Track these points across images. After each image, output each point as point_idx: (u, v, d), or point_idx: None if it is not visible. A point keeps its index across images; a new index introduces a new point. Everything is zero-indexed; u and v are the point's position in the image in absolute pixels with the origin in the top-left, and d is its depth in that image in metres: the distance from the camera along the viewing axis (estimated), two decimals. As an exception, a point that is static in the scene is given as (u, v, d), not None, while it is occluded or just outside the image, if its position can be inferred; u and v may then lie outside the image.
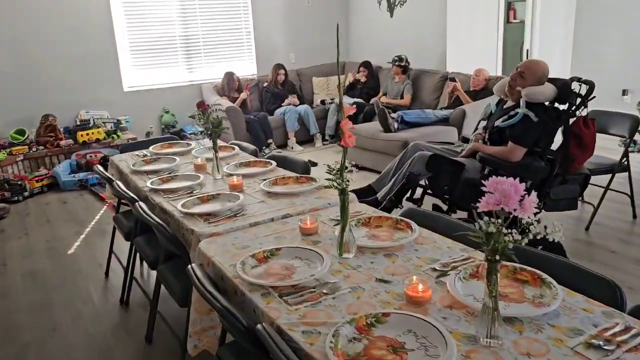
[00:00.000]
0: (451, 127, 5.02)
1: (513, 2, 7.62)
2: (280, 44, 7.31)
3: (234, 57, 7.06)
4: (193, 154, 3.38)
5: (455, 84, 5.41)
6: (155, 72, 6.56)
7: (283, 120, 6.48)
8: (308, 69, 7.38)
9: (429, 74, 6.26)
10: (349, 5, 7.68)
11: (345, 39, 7.86)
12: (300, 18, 7.36)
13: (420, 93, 6.29)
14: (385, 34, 7.12)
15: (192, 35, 6.67)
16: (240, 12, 6.93)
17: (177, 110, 6.71)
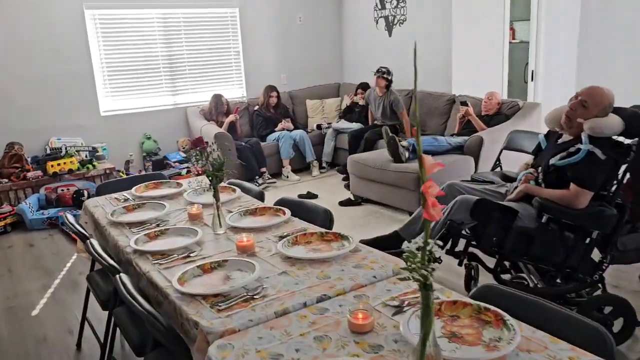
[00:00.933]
0: (466, 157, 4.55)
1: (512, 22, 7.26)
2: (271, 64, 6.81)
3: (221, 78, 6.53)
4: (185, 197, 2.82)
5: (467, 108, 4.96)
6: (136, 94, 5.99)
7: (277, 147, 5.95)
8: (301, 91, 6.89)
9: (434, 96, 5.81)
10: (343, 24, 7.25)
11: (340, 59, 7.40)
12: (292, 37, 6.89)
13: (424, 117, 5.83)
14: (383, 54, 6.67)
15: (176, 55, 6.13)
16: (228, 31, 6.43)
17: (160, 136, 6.14)
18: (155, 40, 5.98)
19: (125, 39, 5.80)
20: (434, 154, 4.65)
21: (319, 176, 6.01)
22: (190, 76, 6.29)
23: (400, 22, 6.35)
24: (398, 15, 6.35)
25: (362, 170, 4.72)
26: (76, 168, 5.24)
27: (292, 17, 6.84)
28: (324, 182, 5.78)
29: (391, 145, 4.47)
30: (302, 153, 6.10)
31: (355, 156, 4.86)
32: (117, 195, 2.90)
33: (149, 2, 5.82)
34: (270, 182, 5.68)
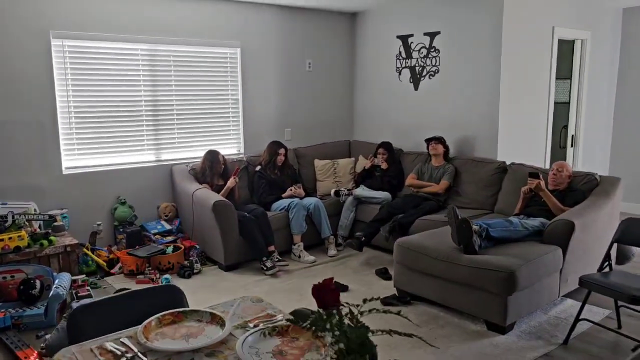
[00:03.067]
0: (551, 247, 3.52)
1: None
2: (274, 116, 5.73)
3: (216, 131, 5.38)
4: (238, 349, 1.61)
5: (538, 181, 3.98)
6: (109, 148, 4.75)
7: (286, 219, 4.79)
8: (307, 149, 5.81)
9: (479, 163, 4.85)
10: (356, 73, 6.30)
11: (349, 112, 6.41)
12: (299, 85, 5.86)
13: (466, 187, 4.84)
14: (407, 110, 5.73)
15: (163, 101, 4.96)
16: (226, 75, 5.34)
17: (138, 200, 4.87)
18: (139, 82, 4.81)
19: (101, 78, 4.60)
20: (509, 241, 3.63)
21: (337, 256, 4.85)
22: (179, 127, 5.11)
23: (430, 74, 5.44)
24: (428, 66, 5.44)
25: (416, 260, 3.61)
26: (25, 245, 3.89)
27: (300, 63, 5.84)
28: (346, 264, 4.62)
29: (463, 231, 3.40)
30: (316, 226, 4.95)
31: (407, 240, 3.75)
32: (111, 343, 1.66)
33: (133, 35, 4.68)
34: (282, 264, 4.48)
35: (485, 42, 4.88)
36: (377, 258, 4.75)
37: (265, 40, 5.50)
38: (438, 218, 4.45)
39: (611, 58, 6.12)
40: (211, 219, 4.37)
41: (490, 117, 4.94)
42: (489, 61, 4.88)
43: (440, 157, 4.99)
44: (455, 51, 5.16)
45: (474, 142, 5.11)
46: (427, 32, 5.41)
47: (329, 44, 6.04)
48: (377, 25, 5.92)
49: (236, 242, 4.45)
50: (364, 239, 4.60)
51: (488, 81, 4.92)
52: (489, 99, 4.94)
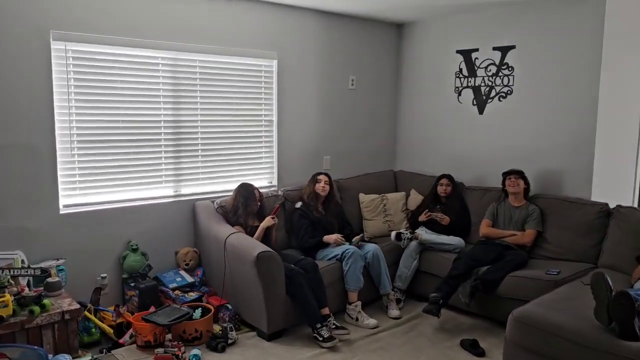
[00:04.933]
0: None
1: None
2: (312, 142, 4.82)
3: (247, 159, 4.44)
4: None
5: None
6: (118, 180, 3.77)
7: (338, 270, 3.85)
8: (350, 181, 4.90)
9: (573, 204, 3.99)
10: (402, 92, 5.43)
11: (392, 138, 5.53)
12: (341, 106, 4.98)
13: (556, 233, 3.97)
14: (467, 138, 4.88)
15: (185, 122, 4.02)
16: (260, 91, 4.42)
17: (152, 245, 3.89)
18: (158, 98, 3.86)
19: (112, 92, 3.65)
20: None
21: (402, 319, 3.90)
22: (204, 154, 4.17)
23: (500, 96, 4.60)
24: (498, 86, 4.60)
25: (546, 344, 2.69)
26: (10, 314, 2.89)
27: (343, 79, 4.95)
28: (418, 330, 3.68)
29: (621, 308, 2.49)
30: (372, 279, 4.02)
31: (527, 315, 2.83)
32: None
33: (153, 40, 3.74)
34: (341, 333, 3.53)
35: (578, 57, 4.06)
36: (454, 321, 3.83)
37: (304, 52, 4.61)
38: (533, 274, 3.56)
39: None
40: (252, 274, 3.41)
41: (583, 148, 4.10)
42: (581, 80, 4.05)
43: (520, 196, 4.12)
44: (535, 68, 4.33)
45: (560, 177, 4.26)
46: (497, 46, 4.58)
47: (375, 59, 5.18)
48: (430, 38, 5.08)
49: (282, 304, 3.49)
50: (442, 301, 3.68)
51: (580, 104, 4.09)
52: (580, 126, 4.10)
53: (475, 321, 3.82)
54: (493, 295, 3.65)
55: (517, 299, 3.55)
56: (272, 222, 3.89)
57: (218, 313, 3.68)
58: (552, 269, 3.58)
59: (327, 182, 4.19)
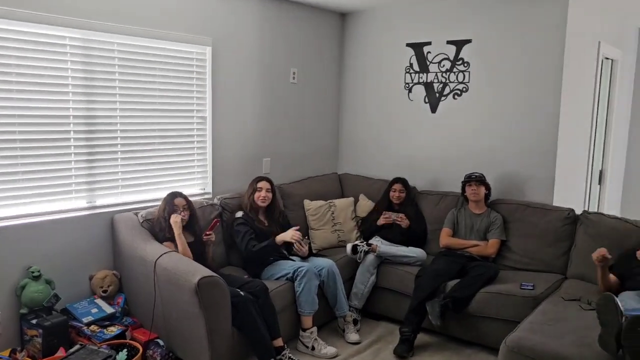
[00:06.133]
0: None
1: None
2: (251, 142, 4.24)
3: (176, 162, 3.77)
4: None
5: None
6: (13, 190, 2.98)
7: (290, 292, 3.32)
8: (293, 186, 4.38)
9: (537, 210, 3.74)
10: (345, 88, 4.99)
11: (337, 139, 5.07)
12: (282, 102, 4.43)
13: (520, 241, 3.72)
14: (418, 138, 4.53)
15: (101, 118, 3.29)
16: (192, 85, 3.77)
17: (60, 271, 3.14)
18: (66, 88, 3.11)
19: (4, 79, 2.85)
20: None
21: (364, 343, 3.44)
22: (124, 157, 3.45)
23: (455, 93, 4.28)
24: (452, 83, 4.29)
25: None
26: None
27: (284, 72, 4.41)
28: (384, 357, 3.24)
29: (635, 335, 2.18)
30: (327, 298, 3.54)
31: (522, 344, 2.46)
32: None
33: (58, 15, 2.99)
34: (299, 370, 3.01)
35: (539, 55, 3.82)
36: (421, 343, 3.42)
37: (242, 39, 4.02)
38: (507, 290, 3.24)
39: (628, 82, 5.41)
40: (191, 304, 2.80)
41: (545, 150, 3.87)
42: (543, 79, 3.82)
43: (482, 203, 3.82)
44: (493, 65, 4.05)
45: (521, 181, 4.01)
46: (451, 40, 4.26)
47: (318, 51, 4.69)
48: (377, 29, 4.67)
49: (228, 337, 2.90)
50: (413, 336, 3.28)
51: (542, 104, 3.85)
52: (542, 127, 3.87)
53: (443, 342, 3.45)
54: (464, 314, 3.30)
55: (491, 317, 3.23)
56: (210, 238, 3.28)
57: (146, 350, 3.02)
58: (525, 283, 3.28)
59: (269, 190, 3.64)
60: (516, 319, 3.01)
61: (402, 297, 3.62)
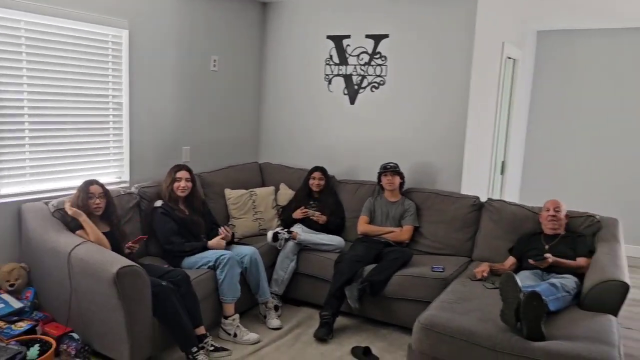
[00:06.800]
0: (605, 316, 2.76)
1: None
2: (170, 129, 4.15)
3: (90, 149, 3.61)
4: None
5: (549, 258, 3.14)
6: None
7: (212, 281, 3.32)
8: (214, 175, 4.34)
9: (447, 198, 4.00)
10: (266, 78, 5.00)
11: (257, 128, 5.08)
12: (202, 90, 4.37)
13: (432, 227, 3.96)
14: (337, 129, 4.66)
15: (6, 101, 3.08)
16: (107, 69, 3.63)
17: (-39, 265, 2.93)
18: (-34, 68, 2.89)
19: None
20: (557, 312, 2.79)
21: (285, 328, 3.52)
22: (32, 142, 3.26)
23: (373, 86, 4.45)
24: (370, 76, 4.45)
25: (458, 352, 2.54)
26: None
27: (204, 59, 4.35)
28: (304, 341, 3.33)
29: (532, 310, 2.43)
30: (249, 285, 3.58)
31: (436, 321, 2.64)
32: None
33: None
34: (221, 355, 3.03)
35: (451, 52, 4.07)
36: (340, 326, 3.56)
37: (161, 23, 3.91)
38: (420, 272, 3.46)
39: (527, 80, 5.87)
40: (110, 295, 2.72)
41: (454, 142, 4.14)
42: (454, 74, 4.07)
43: (396, 192, 4.02)
44: (409, 60, 4.25)
45: (433, 171, 4.26)
46: (370, 34, 4.41)
47: (238, 39, 4.66)
48: (298, 20, 4.73)
49: (149, 327, 2.86)
50: (332, 319, 3.41)
51: (452, 98, 4.11)
52: (452, 120, 4.13)
53: (361, 324, 3.61)
54: (380, 297, 3.47)
55: (406, 299, 3.42)
56: (128, 251, 3.20)
57: (60, 345, 2.90)
58: (435, 266, 3.51)
59: (189, 179, 3.59)
60: (428, 299, 3.21)
61: (322, 282, 3.73)
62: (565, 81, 5.86)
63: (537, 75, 6.00)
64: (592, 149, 5.81)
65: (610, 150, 5.72)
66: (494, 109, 4.72)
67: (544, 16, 5.08)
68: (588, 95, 5.78)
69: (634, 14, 4.85)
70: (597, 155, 5.79)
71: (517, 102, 5.45)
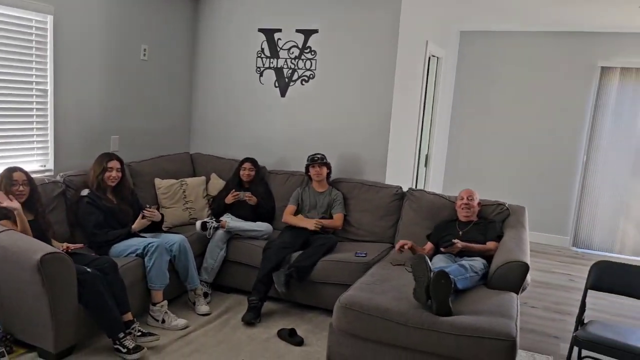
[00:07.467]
0: (508, 294, 3.05)
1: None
2: (98, 118, 4.11)
3: (12, 138, 3.53)
4: None
5: (457, 243, 3.40)
6: None
7: (140, 268, 3.35)
8: (143, 165, 4.34)
9: (372, 188, 4.21)
10: (198, 69, 5.03)
11: (189, 119, 5.10)
12: (132, 79, 4.34)
13: (358, 216, 4.16)
14: (269, 120, 4.77)
15: None
16: (31, 55, 3.55)
17: None
18: None
19: None
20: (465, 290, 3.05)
21: (214, 314, 3.61)
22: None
23: (303, 79, 4.59)
24: (300, 70, 4.58)
25: (373, 328, 2.73)
26: None
27: (134, 48, 4.32)
28: (232, 326, 3.44)
29: (440, 287, 2.65)
30: (178, 273, 3.63)
31: (355, 301, 2.81)
32: None
33: None
34: (149, 340, 3.07)
35: (376, 48, 4.27)
36: (268, 311, 3.69)
37: (88, 9, 3.86)
38: (344, 258, 3.64)
39: (450, 78, 6.21)
40: (33, 283, 2.72)
41: (379, 134, 4.35)
42: (380, 70, 4.28)
43: (324, 182, 4.18)
44: (337, 55, 4.42)
45: (359, 162, 4.46)
46: (300, 29, 4.54)
47: (169, 28, 4.66)
48: (230, 11, 4.78)
49: (74, 315, 2.87)
50: (261, 303, 3.53)
51: (378, 93, 4.31)
52: (377, 114, 4.34)
53: (288, 308, 3.76)
54: (306, 281, 3.62)
55: (330, 283, 3.59)
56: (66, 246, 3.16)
57: (-21, 335, 2.85)
58: (359, 252, 3.70)
59: (119, 170, 3.59)
60: (351, 283, 3.39)
61: (251, 269, 3.84)
62: (485, 79, 6.25)
63: (459, 73, 6.36)
64: (505, 144, 6.24)
65: (520, 144, 6.17)
66: (418, 104, 4.99)
67: (466, 17, 5.41)
68: (503, 93, 6.19)
69: (543, 19, 5.26)
70: (509, 149, 6.23)
71: (441, 98, 5.76)
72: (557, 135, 6.02)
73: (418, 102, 4.97)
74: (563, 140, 6.01)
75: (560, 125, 6.01)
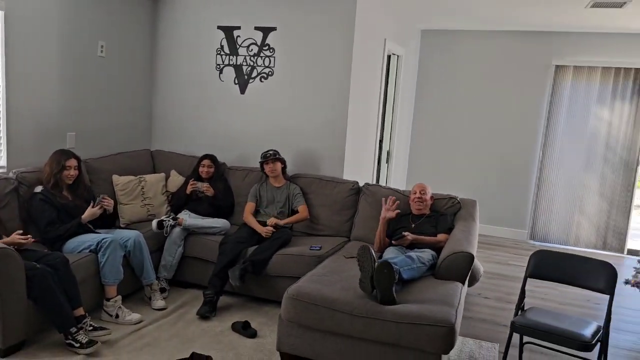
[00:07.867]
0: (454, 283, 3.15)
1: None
2: (53, 115, 4.08)
3: (-38, 133, 3.50)
4: None
5: (407, 236, 3.52)
6: None
7: (93, 264, 3.36)
8: (101, 162, 4.33)
9: (329, 183, 4.28)
10: (158, 66, 5.03)
11: (149, 116, 5.10)
12: (88, 75, 4.33)
13: (315, 210, 4.23)
14: (229, 117, 4.80)
15: None
16: (-20, 49, 3.52)
17: None
18: None
19: None
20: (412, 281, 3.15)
21: (170, 308, 3.64)
22: None
23: (262, 76, 4.64)
24: (259, 67, 4.63)
25: (321, 318, 2.80)
26: None
27: (90, 44, 4.31)
28: (187, 320, 3.47)
29: (384, 277, 2.73)
30: (133, 269, 3.65)
31: (303, 292, 2.87)
32: None
33: None
34: (100, 334, 3.09)
35: (333, 45, 4.34)
36: (224, 305, 3.73)
37: (41, 5, 3.84)
38: (298, 251, 3.71)
39: (412, 76, 6.32)
40: (-21, 279, 2.71)
41: (337, 131, 4.42)
42: (337, 67, 4.35)
43: (280, 177, 4.24)
44: (294, 52, 4.48)
45: (317, 157, 4.53)
46: (259, 26, 4.58)
47: (128, 24, 4.65)
48: (189, 7, 4.80)
49: (22, 311, 2.87)
50: (216, 297, 3.57)
51: (335, 90, 4.39)
52: (335, 111, 4.41)
53: (244, 302, 3.81)
54: (262, 275, 3.68)
55: (285, 276, 3.65)
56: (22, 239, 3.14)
57: None
58: (314, 245, 3.77)
59: (77, 167, 3.59)
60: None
61: (209, 264, 3.88)
62: (446, 77, 6.38)
63: (421, 71, 6.47)
64: (466, 141, 6.38)
65: (480, 141, 6.32)
66: (378, 101, 5.08)
67: (425, 17, 5.52)
68: (464, 91, 6.33)
69: (501, 19, 5.41)
70: (470, 146, 6.37)
71: (402, 96, 5.87)
72: (515, 132, 6.19)
73: (377, 99, 5.06)
74: (521, 137, 6.18)
75: (518, 122, 6.17)
